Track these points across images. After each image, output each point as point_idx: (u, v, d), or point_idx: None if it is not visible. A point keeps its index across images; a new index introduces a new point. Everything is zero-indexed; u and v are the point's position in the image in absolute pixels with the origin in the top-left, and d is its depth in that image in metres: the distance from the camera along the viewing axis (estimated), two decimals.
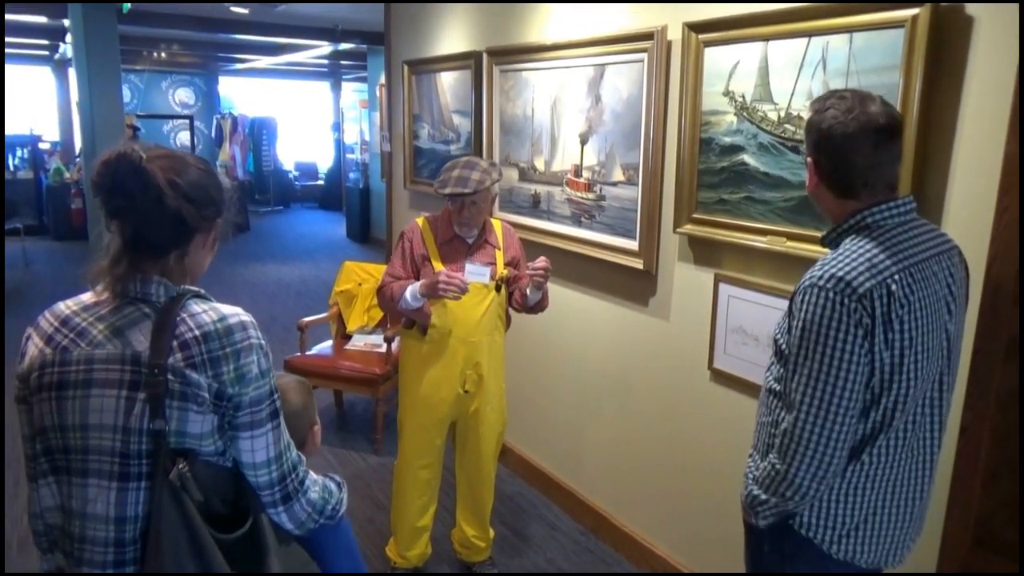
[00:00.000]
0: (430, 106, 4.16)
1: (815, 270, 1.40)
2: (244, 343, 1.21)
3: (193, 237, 1.25)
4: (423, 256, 2.61)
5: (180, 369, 1.17)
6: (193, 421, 1.18)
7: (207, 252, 1.31)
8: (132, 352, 1.18)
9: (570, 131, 3.10)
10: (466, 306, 2.61)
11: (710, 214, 2.48)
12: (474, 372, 2.67)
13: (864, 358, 1.34)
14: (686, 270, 2.66)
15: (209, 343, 1.19)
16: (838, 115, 1.38)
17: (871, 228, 1.41)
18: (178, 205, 1.20)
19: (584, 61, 2.97)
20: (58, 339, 1.23)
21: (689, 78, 2.47)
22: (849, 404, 1.35)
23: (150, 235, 1.21)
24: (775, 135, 2.24)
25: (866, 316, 1.32)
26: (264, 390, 1.23)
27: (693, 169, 2.51)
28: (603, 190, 2.97)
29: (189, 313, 1.21)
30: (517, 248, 2.78)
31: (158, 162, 1.21)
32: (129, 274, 1.21)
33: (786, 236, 2.23)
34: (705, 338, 2.58)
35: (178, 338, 1.18)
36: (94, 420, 1.18)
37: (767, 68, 2.23)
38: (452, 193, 2.50)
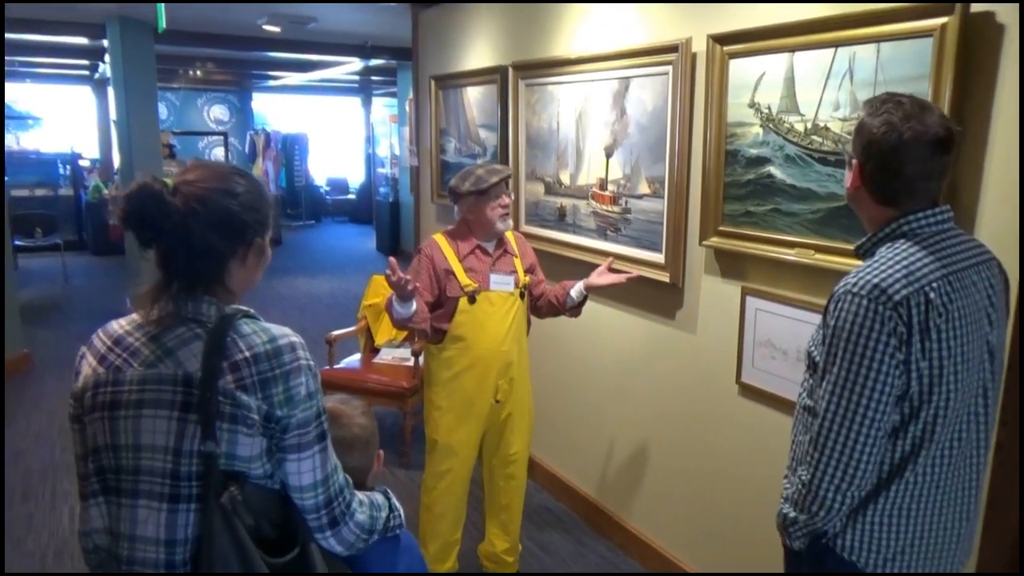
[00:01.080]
0: (457, 120, 4.19)
1: (850, 277, 1.37)
2: (293, 364, 1.20)
3: (227, 263, 1.25)
4: (447, 270, 2.62)
5: (231, 391, 1.17)
6: (243, 444, 1.17)
7: (250, 270, 1.30)
8: (184, 373, 1.18)
9: (595, 144, 3.11)
10: (494, 317, 2.62)
11: (736, 226, 2.46)
12: (506, 382, 2.68)
13: (896, 369, 1.31)
14: (712, 283, 2.64)
15: (259, 364, 1.18)
16: (894, 121, 1.34)
17: (908, 236, 1.39)
18: (203, 235, 1.20)
19: (609, 74, 2.98)
20: (111, 359, 1.23)
21: (714, 90, 2.45)
22: (876, 416, 1.32)
23: (182, 264, 1.21)
24: (802, 146, 2.21)
25: (901, 325, 1.30)
26: (311, 412, 1.22)
27: (719, 181, 2.49)
28: (628, 203, 2.96)
29: (240, 334, 1.20)
30: (532, 255, 2.82)
31: (186, 189, 1.21)
32: (178, 295, 1.22)
33: (814, 248, 2.20)
34: (732, 352, 2.55)
35: (229, 359, 1.18)
36: (146, 440, 1.18)
37: (793, 79, 2.22)
38: (497, 182, 2.56)
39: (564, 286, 2.73)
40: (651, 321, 2.97)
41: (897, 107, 1.36)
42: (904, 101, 1.37)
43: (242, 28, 6.93)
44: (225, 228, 1.23)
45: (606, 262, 2.68)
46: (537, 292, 2.79)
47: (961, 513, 1.43)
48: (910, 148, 1.34)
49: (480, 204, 2.61)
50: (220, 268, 1.24)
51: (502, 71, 3.66)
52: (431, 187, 4.56)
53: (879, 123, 1.36)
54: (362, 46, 8.06)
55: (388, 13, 5.57)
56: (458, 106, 4.15)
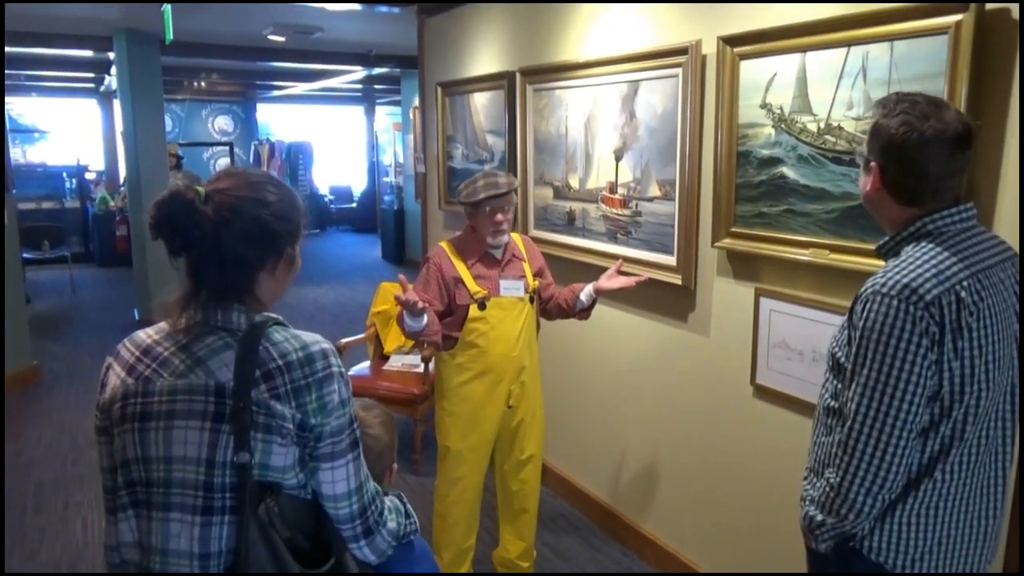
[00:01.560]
0: (464, 126, 4.19)
1: (878, 277, 1.35)
2: (326, 371, 1.19)
3: (257, 274, 1.23)
4: (455, 278, 2.62)
5: (265, 400, 1.15)
6: (277, 453, 1.15)
7: (279, 280, 1.28)
8: (216, 383, 1.16)
9: (604, 148, 3.10)
10: (505, 322, 2.61)
11: (749, 228, 2.45)
12: (518, 386, 2.67)
13: (928, 370, 1.29)
14: (725, 284, 2.63)
15: (292, 372, 1.16)
16: (912, 120, 1.33)
17: (933, 235, 1.37)
18: (234, 244, 1.18)
19: (617, 78, 2.97)
20: (140, 369, 1.21)
21: (725, 91, 2.45)
22: (908, 418, 1.31)
23: (212, 273, 1.19)
24: (815, 146, 2.20)
25: (933, 325, 1.28)
26: (345, 419, 1.21)
27: (731, 183, 2.49)
28: (639, 206, 2.95)
29: (271, 342, 1.18)
30: (540, 258, 2.81)
31: (218, 198, 1.19)
32: (208, 304, 1.20)
33: (829, 248, 2.19)
34: (747, 354, 2.54)
35: (261, 368, 1.16)
36: (178, 452, 1.16)
37: (805, 79, 2.21)
38: (488, 197, 2.52)
39: (573, 289, 2.71)
40: (663, 324, 2.96)
41: (913, 106, 1.35)
42: (919, 100, 1.36)
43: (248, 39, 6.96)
44: (256, 238, 1.21)
45: (615, 264, 2.66)
46: (546, 295, 2.78)
47: (988, 511, 1.42)
48: (932, 146, 1.33)
49: (475, 215, 2.60)
50: (250, 279, 1.23)
51: (509, 76, 3.66)
52: (438, 194, 4.56)
53: (897, 123, 1.34)
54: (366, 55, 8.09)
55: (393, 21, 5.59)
56: (465, 112, 4.15)
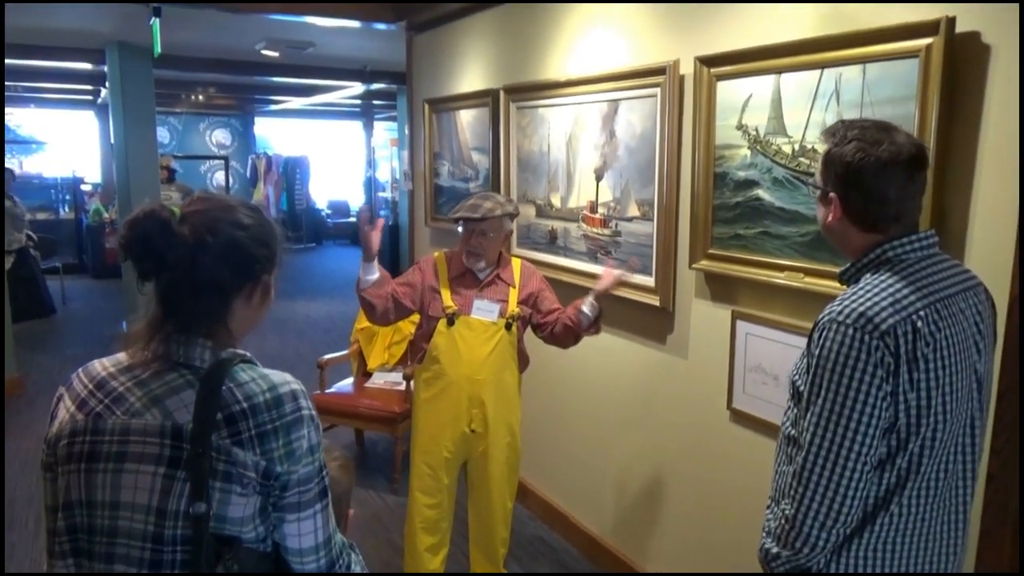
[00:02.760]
0: (450, 144, 4.19)
1: (835, 305, 1.33)
2: (295, 415, 1.11)
3: (231, 301, 1.16)
4: (433, 288, 2.62)
5: (226, 447, 1.07)
6: (235, 504, 1.08)
7: (255, 310, 1.21)
8: (173, 424, 1.08)
9: (585, 167, 3.09)
10: (471, 344, 2.58)
11: (726, 249, 2.43)
12: (480, 412, 2.63)
13: (883, 401, 1.27)
14: (703, 307, 2.60)
15: (257, 416, 1.09)
16: (866, 146, 1.31)
17: (892, 262, 1.35)
18: (210, 267, 1.12)
19: (598, 97, 2.97)
20: (92, 404, 1.13)
21: (702, 112, 2.44)
22: (862, 449, 1.28)
23: (183, 299, 1.13)
24: (790, 168, 2.19)
25: (888, 355, 1.26)
26: (314, 467, 1.13)
27: (708, 204, 2.47)
28: (619, 226, 2.93)
29: (236, 382, 1.11)
30: (536, 285, 2.74)
31: (193, 219, 1.13)
32: (171, 336, 1.13)
33: (803, 271, 2.16)
34: (724, 377, 2.51)
35: (224, 410, 1.08)
36: (126, 498, 1.08)
37: (780, 100, 2.20)
38: (461, 217, 2.52)
39: (575, 306, 2.62)
40: (642, 346, 2.93)
41: (863, 132, 1.33)
42: (867, 125, 1.35)
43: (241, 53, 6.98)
44: (234, 262, 1.14)
45: (605, 270, 2.63)
46: (552, 320, 2.69)
47: (948, 547, 1.38)
48: (889, 170, 1.31)
49: (462, 232, 2.60)
50: (224, 305, 1.16)
51: (493, 94, 3.66)
52: (425, 210, 4.55)
53: (852, 150, 1.33)
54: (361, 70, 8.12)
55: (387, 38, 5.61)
56: (451, 129, 4.15)
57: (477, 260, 2.61)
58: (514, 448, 2.76)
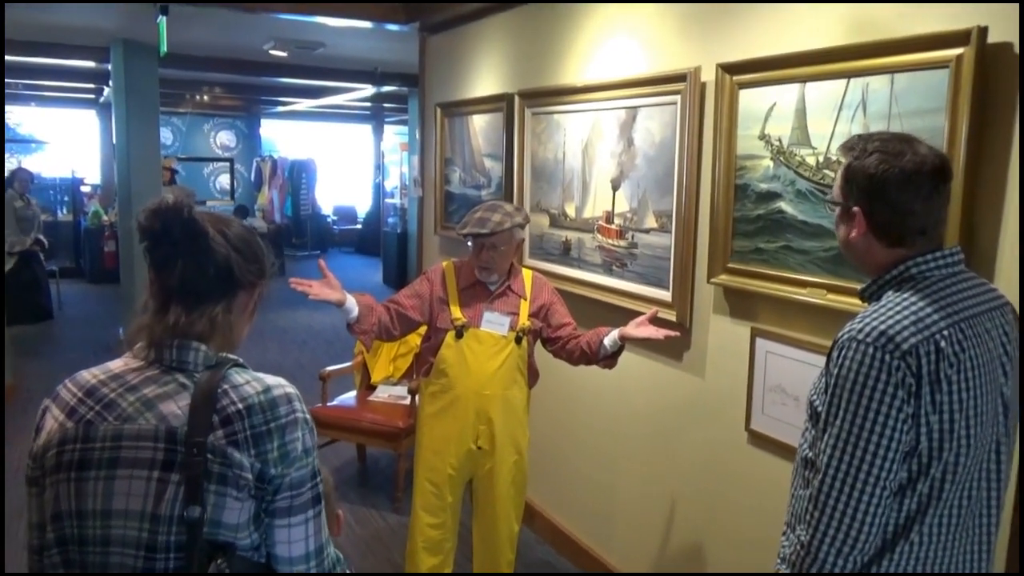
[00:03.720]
0: (462, 150, 4.23)
1: (855, 323, 1.34)
2: (289, 417, 1.15)
3: (238, 293, 1.22)
4: (441, 299, 2.64)
5: (221, 447, 1.10)
6: (231, 508, 1.10)
7: (247, 317, 1.27)
8: (167, 427, 1.11)
9: (602, 176, 3.12)
10: (480, 357, 2.60)
11: (746, 264, 2.44)
12: (487, 428, 2.65)
13: (904, 423, 1.28)
14: (722, 323, 2.62)
15: (253, 417, 1.12)
16: (888, 158, 1.33)
17: (916, 279, 1.36)
18: (227, 253, 1.19)
19: (616, 103, 3.00)
20: (82, 411, 1.15)
21: (723, 121, 2.46)
22: (882, 473, 1.28)
23: (197, 283, 1.17)
24: (813, 181, 2.20)
25: (910, 376, 1.27)
26: (307, 471, 1.16)
27: (728, 216, 2.49)
28: (635, 237, 2.96)
29: (231, 384, 1.15)
30: (547, 297, 2.76)
31: (205, 216, 1.21)
32: (164, 340, 1.17)
33: (826, 288, 2.18)
34: (742, 397, 2.52)
35: (219, 412, 1.12)
36: (119, 506, 1.09)
37: (804, 110, 2.22)
38: (469, 233, 2.54)
39: (599, 332, 2.61)
40: (657, 362, 2.94)
41: (884, 143, 1.35)
42: (887, 137, 1.37)
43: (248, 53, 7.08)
44: (246, 254, 1.22)
45: (650, 312, 2.54)
46: (564, 334, 2.70)
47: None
48: (914, 181, 1.33)
49: (472, 247, 2.63)
50: (232, 295, 1.21)
51: (508, 99, 3.70)
52: (435, 218, 4.59)
53: (874, 162, 1.34)
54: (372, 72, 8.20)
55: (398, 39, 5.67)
56: (463, 135, 4.19)
57: (489, 274, 2.64)
58: (521, 467, 2.77)
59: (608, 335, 2.57)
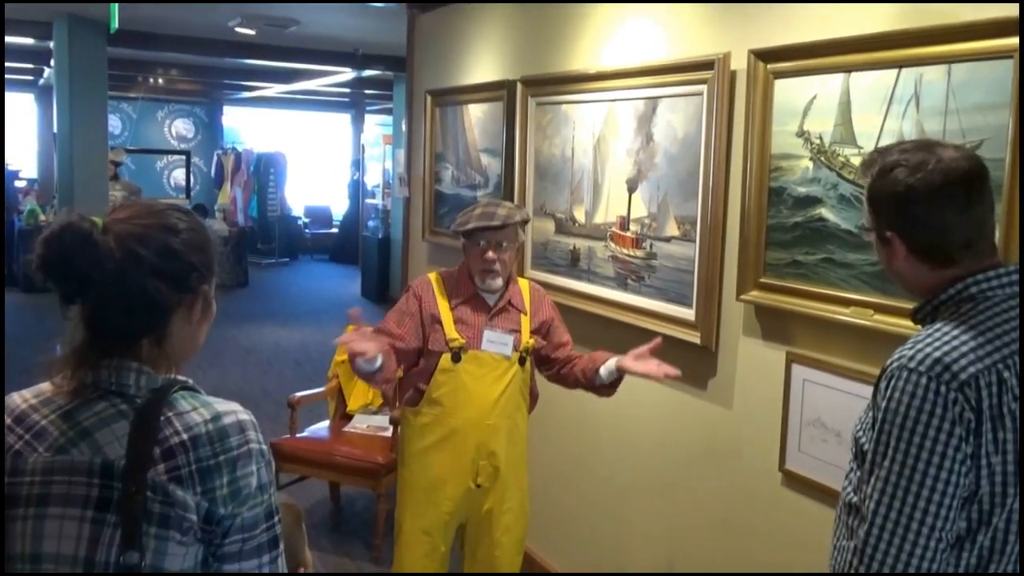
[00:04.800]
0: (455, 144, 4.26)
1: (906, 349, 1.36)
2: (242, 449, 1.15)
3: (170, 317, 1.21)
4: (434, 316, 2.63)
5: (162, 484, 1.10)
6: (173, 554, 1.11)
7: (197, 326, 1.27)
8: (103, 460, 1.12)
9: (616, 176, 3.14)
10: (483, 382, 2.61)
11: (781, 279, 2.46)
12: (489, 463, 2.65)
13: (962, 466, 1.28)
14: (752, 346, 2.63)
15: (199, 449, 1.13)
16: (911, 172, 1.35)
17: (976, 300, 1.38)
18: (143, 282, 1.16)
19: (633, 93, 3.02)
20: (10, 441, 1.16)
21: (756, 115, 2.48)
22: (937, 522, 1.29)
23: (114, 321, 1.17)
24: (859, 185, 2.21)
25: (968, 410, 1.28)
26: (261, 510, 1.17)
27: (761, 224, 2.51)
28: (654, 247, 2.97)
29: (176, 411, 1.15)
30: (548, 312, 2.79)
31: (119, 228, 1.17)
32: (101, 361, 1.17)
33: (873, 308, 2.19)
34: (776, 432, 2.52)
35: (161, 444, 1.12)
36: (49, 548, 1.10)
37: (849, 104, 2.24)
38: (477, 228, 2.54)
39: (595, 359, 2.65)
40: (678, 391, 2.95)
41: (901, 156, 1.38)
42: (904, 147, 1.40)
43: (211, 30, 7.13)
44: (169, 272, 1.19)
45: (652, 343, 2.56)
46: (562, 356, 2.74)
47: None
48: (946, 192, 1.35)
49: (468, 247, 2.64)
50: (162, 323, 1.20)
51: (509, 86, 3.73)
52: (423, 222, 4.61)
53: (895, 180, 1.37)
54: (352, 54, 8.26)
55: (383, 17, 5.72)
56: (457, 126, 4.22)
57: (495, 278, 2.63)
58: (523, 509, 2.78)
59: (605, 364, 2.60)
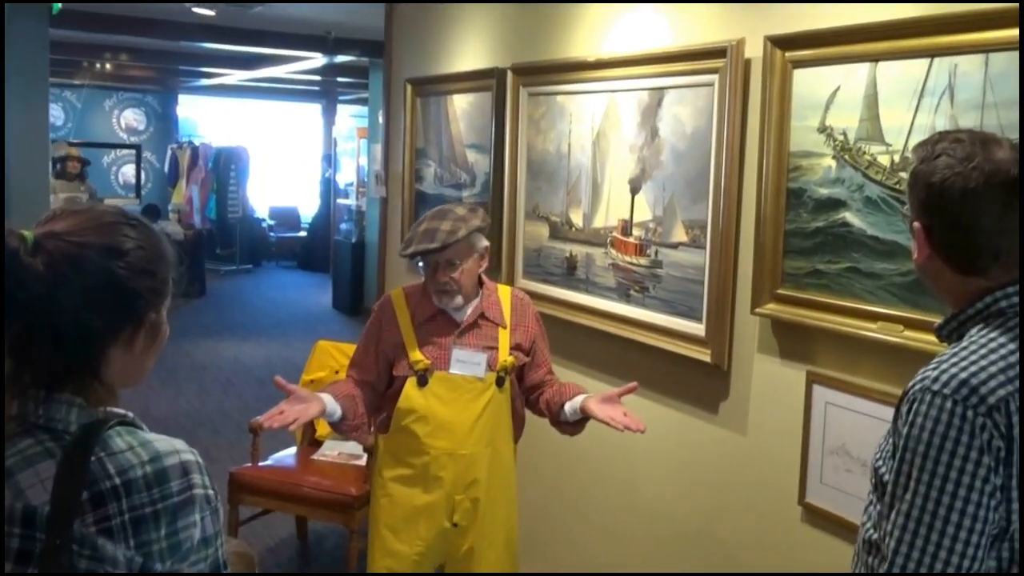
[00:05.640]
0: (438, 138, 4.27)
1: (929, 370, 1.36)
2: (183, 495, 1.13)
3: (106, 349, 1.18)
4: (396, 344, 2.63)
5: (90, 537, 1.08)
6: None
7: (137, 358, 1.23)
8: (25, 506, 1.09)
9: (617, 175, 3.16)
10: (455, 407, 2.60)
11: (801, 290, 2.47)
12: (466, 498, 2.64)
13: (991, 498, 1.29)
14: (769, 365, 2.64)
15: (133, 496, 1.10)
16: (954, 164, 1.36)
17: (1006, 315, 1.38)
18: (75, 312, 1.13)
19: (637, 83, 3.05)
20: None
21: (773, 108, 2.50)
22: (964, 561, 1.29)
23: (40, 351, 1.14)
24: (887, 186, 2.24)
25: (998, 437, 1.28)
26: (205, 566, 1.15)
27: (778, 229, 2.52)
28: (659, 254, 2.99)
29: (109, 451, 1.12)
30: (532, 325, 2.77)
31: (53, 245, 1.14)
32: (28, 392, 1.15)
33: (903, 323, 2.20)
34: (795, 461, 2.54)
35: (91, 488, 1.09)
36: None
37: (876, 97, 2.26)
38: (415, 252, 2.55)
39: (562, 392, 2.69)
40: (686, 415, 2.96)
41: (955, 145, 1.38)
42: (962, 137, 1.40)
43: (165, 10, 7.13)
44: (107, 301, 1.16)
45: (625, 387, 2.60)
46: (535, 380, 2.75)
47: None
48: (982, 195, 1.35)
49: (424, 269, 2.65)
50: (96, 357, 1.17)
51: (499, 75, 3.74)
52: (402, 225, 4.61)
53: (938, 168, 1.38)
54: (323, 38, 8.27)
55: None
56: (440, 119, 4.23)
57: (451, 299, 2.63)
58: (511, 546, 2.78)
59: (571, 400, 2.62)
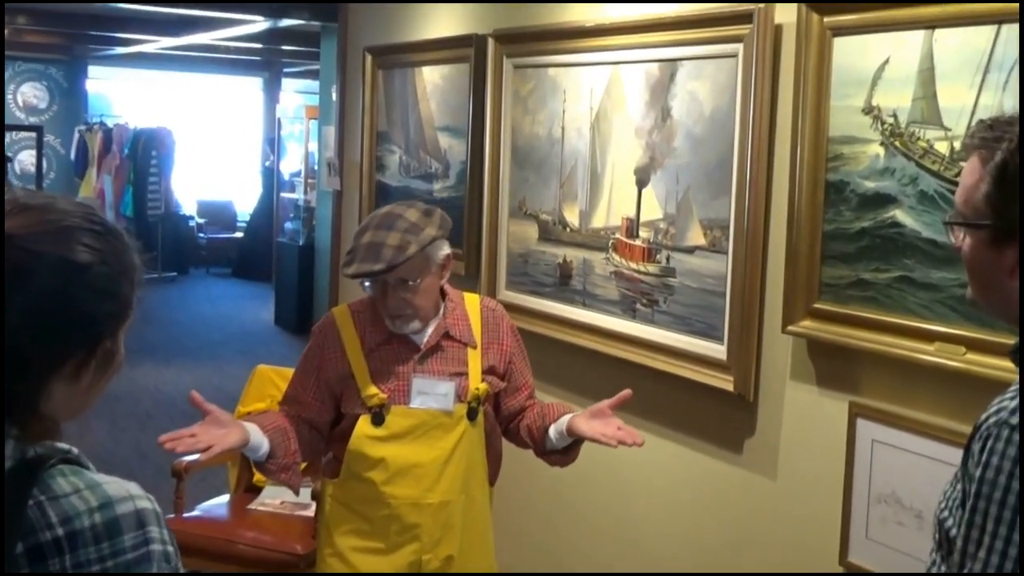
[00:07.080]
0: (404, 119, 4.27)
1: (1006, 400, 1.37)
2: (139, 551, 1.13)
3: (48, 380, 1.18)
4: (343, 375, 2.59)
5: None
6: None
7: (88, 388, 1.24)
8: None
9: (621, 165, 3.16)
10: (418, 447, 2.58)
11: (842, 304, 2.48)
12: (435, 556, 2.63)
13: None
14: (803, 395, 2.65)
15: (79, 550, 1.10)
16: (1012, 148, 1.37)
17: None
18: (15, 336, 1.13)
19: (645, 54, 3.05)
20: None
21: (809, 85, 2.51)
22: None
23: None
24: (946, 179, 2.25)
25: None
26: None
27: (815, 231, 2.53)
28: (672, 260, 2.99)
29: (51, 494, 1.12)
30: (507, 341, 2.73)
31: None
32: None
33: (965, 344, 2.21)
34: (835, 512, 2.54)
35: (28, 539, 1.09)
36: None
37: (932, 72, 2.27)
38: (357, 274, 2.51)
39: (545, 415, 2.66)
40: (704, 454, 2.96)
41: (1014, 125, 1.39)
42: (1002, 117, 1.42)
43: None
44: (53, 326, 1.16)
45: (618, 396, 2.54)
46: (514, 406, 2.74)
47: None
48: None
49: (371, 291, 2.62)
50: (36, 388, 1.17)
51: (478, 43, 3.75)
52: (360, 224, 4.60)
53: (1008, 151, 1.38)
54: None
55: None
56: (407, 96, 4.23)
57: (406, 322, 2.60)
58: None
59: (556, 423, 2.60)
